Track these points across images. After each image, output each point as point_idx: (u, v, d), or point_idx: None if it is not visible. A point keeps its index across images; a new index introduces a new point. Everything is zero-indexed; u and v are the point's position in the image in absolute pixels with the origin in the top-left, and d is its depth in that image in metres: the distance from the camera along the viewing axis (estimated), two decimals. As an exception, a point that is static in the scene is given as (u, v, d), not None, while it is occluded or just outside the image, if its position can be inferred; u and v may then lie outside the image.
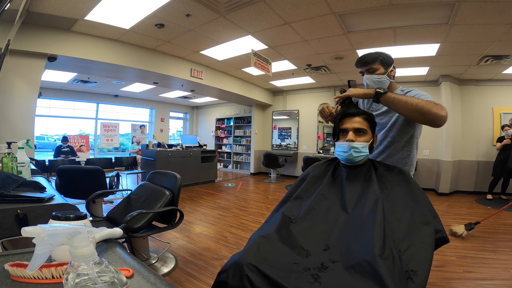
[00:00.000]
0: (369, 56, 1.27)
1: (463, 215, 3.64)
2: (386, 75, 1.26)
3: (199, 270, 1.99)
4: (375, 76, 1.26)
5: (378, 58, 1.26)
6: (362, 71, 1.31)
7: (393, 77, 1.30)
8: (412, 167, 1.29)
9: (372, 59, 1.26)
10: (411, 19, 2.91)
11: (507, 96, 4.92)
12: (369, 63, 1.26)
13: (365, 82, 1.30)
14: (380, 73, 1.26)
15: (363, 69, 1.30)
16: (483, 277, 1.94)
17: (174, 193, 1.89)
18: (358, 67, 1.32)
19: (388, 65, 1.27)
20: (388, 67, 1.27)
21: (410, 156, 1.27)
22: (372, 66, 1.26)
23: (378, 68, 1.26)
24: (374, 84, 1.26)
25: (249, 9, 2.84)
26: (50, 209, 1.06)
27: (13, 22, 2.26)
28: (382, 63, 1.26)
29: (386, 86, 1.26)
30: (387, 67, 1.27)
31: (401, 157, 1.26)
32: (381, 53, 1.27)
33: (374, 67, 1.26)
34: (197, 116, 10.34)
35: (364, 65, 1.28)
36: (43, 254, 0.44)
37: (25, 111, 3.13)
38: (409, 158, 1.27)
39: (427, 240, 0.83)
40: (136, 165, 5.39)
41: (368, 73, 1.28)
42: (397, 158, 1.26)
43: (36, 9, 2.77)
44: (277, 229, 0.91)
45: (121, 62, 3.85)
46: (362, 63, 1.29)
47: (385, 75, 1.26)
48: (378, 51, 1.29)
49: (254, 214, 3.53)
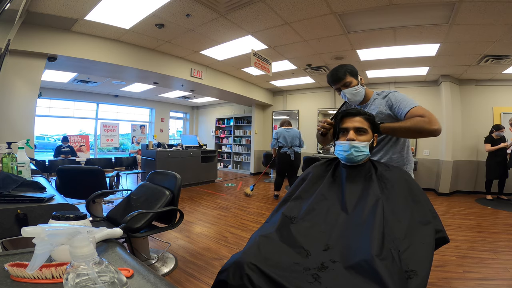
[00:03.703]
0: (339, 72, 1.32)
1: (463, 215, 3.64)
2: (359, 85, 1.32)
3: (199, 270, 1.99)
4: (352, 89, 1.31)
5: (346, 71, 1.31)
6: (337, 87, 1.35)
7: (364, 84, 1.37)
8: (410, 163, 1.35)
9: (343, 74, 1.31)
10: (411, 19, 2.91)
11: (507, 96, 4.92)
12: (342, 78, 1.31)
13: (345, 97, 1.36)
14: (354, 85, 1.32)
15: (337, 85, 1.34)
16: (483, 277, 1.94)
17: (174, 193, 1.89)
18: (332, 84, 1.37)
19: (356, 75, 1.33)
20: (357, 77, 1.33)
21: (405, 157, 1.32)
22: (346, 81, 1.31)
23: (351, 81, 1.31)
24: (354, 97, 1.33)
25: (249, 9, 2.84)
26: (50, 209, 1.07)
27: (13, 22, 2.26)
28: (351, 75, 1.31)
29: (363, 95, 1.34)
30: (357, 77, 1.33)
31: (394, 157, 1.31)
32: (347, 66, 1.33)
33: (348, 81, 1.31)
34: (197, 116, 10.34)
35: (338, 82, 1.33)
36: (43, 254, 0.44)
37: (25, 111, 3.13)
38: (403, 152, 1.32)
39: (427, 240, 0.83)
40: (136, 165, 5.38)
41: (345, 87, 1.32)
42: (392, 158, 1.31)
43: (36, 9, 2.77)
44: (278, 229, 0.91)
45: (121, 62, 3.85)
46: (335, 80, 1.33)
47: (359, 84, 1.32)
48: (343, 65, 1.34)
49: (254, 214, 3.53)
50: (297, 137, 4.30)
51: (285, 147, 4.24)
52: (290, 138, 4.24)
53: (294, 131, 4.32)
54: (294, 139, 4.26)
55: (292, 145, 4.24)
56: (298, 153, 4.30)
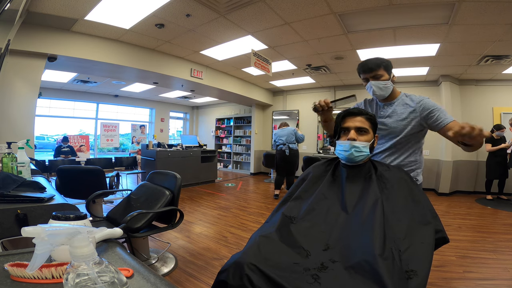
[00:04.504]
0: (373, 62, 1.27)
1: (463, 215, 3.64)
2: (390, 81, 1.27)
3: (199, 270, 1.99)
4: (382, 82, 1.26)
5: (382, 64, 1.26)
6: (366, 77, 1.30)
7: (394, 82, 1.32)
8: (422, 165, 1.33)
9: (377, 65, 1.25)
10: (411, 19, 2.90)
11: (507, 96, 4.92)
12: (374, 69, 1.26)
13: (370, 89, 1.30)
14: (385, 79, 1.26)
15: (367, 75, 1.28)
16: (483, 277, 1.93)
17: (174, 193, 1.89)
18: (361, 73, 1.31)
19: (390, 70, 1.28)
20: (390, 73, 1.28)
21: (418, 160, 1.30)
22: (377, 73, 1.26)
23: (383, 74, 1.25)
24: (380, 90, 1.27)
25: (249, 9, 2.84)
26: (50, 209, 1.06)
27: (13, 22, 2.26)
28: (385, 69, 1.26)
29: (389, 92, 1.28)
30: (390, 73, 1.28)
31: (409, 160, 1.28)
32: (383, 59, 1.27)
33: (379, 74, 1.25)
34: (197, 116, 10.34)
35: (369, 72, 1.27)
36: (43, 254, 0.44)
37: (25, 111, 3.13)
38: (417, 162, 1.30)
39: (427, 240, 0.83)
40: (136, 165, 5.38)
41: (373, 79, 1.27)
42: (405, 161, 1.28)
43: (36, 9, 2.77)
44: (278, 229, 0.91)
45: (121, 62, 3.85)
46: (365, 70, 1.28)
47: (390, 81, 1.27)
48: (379, 57, 1.29)
49: (254, 214, 3.53)
50: (291, 134, 4.47)
51: (281, 145, 4.48)
52: (285, 136, 4.47)
53: (288, 129, 4.53)
54: (289, 136, 4.46)
55: (288, 142, 4.44)
56: (293, 149, 4.46)
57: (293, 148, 4.44)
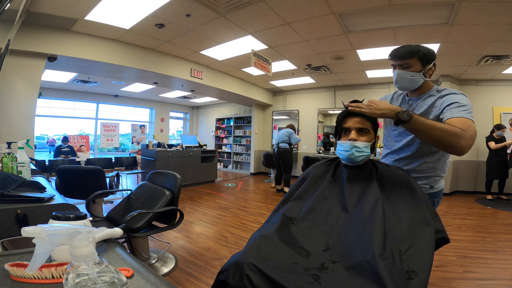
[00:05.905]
0: (407, 50, 1.11)
1: (463, 215, 3.64)
2: (421, 73, 1.11)
3: (199, 270, 1.99)
4: (408, 73, 1.11)
5: (417, 53, 1.09)
6: (394, 64, 1.16)
7: (430, 76, 1.14)
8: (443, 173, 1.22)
9: (410, 54, 1.10)
10: (411, 19, 2.90)
11: (507, 96, 4.92)
12: (405, 57, 1.11)
13: (394, 77, 1.16)
14: (416, 70, 1.10)
15: (396, 62, 1.14)
16: (483, 277, 1.94)
17: (174, 193, 1.89)
18: (391, 59, 1.17)
19: (428, 62, 1.10)
20: (427, 64, 1.10)
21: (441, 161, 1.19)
22: (407, 62, 1.10)
23: (414, 65, 1.10)
24: (404, 81, 1.13)
25: (249, 9, 2.83)
26: (50, 209, 1.06)
27: (13, 22, 2.26)
28: (420, 59, 1.09)
29: (418, 85, 1.13)
30: (426, 65, 1.10)
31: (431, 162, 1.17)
32: (422, 48, 1.10)
33: (410, 63, 1.10)
34: (197, 116, 10.34)
35: (399, 59, 1.13)
36: (43, 254, 0.44)
37: (25, 111, 3.13)
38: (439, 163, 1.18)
39: (428, 240, 0.83)
40: (136, 165, 5.38)
41: (401, 68, 1.13)
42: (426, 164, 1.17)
43: (36, 9, 2.77)
44: (278, 229, 0.91)
45: (121, 62, 3.85)
46: (397, 56, 1.13)
47: (421, 73, 1.10)
48: (420, 45, 1.11)
49: (254, 214, 3.53)
50: (285, 134, 4.84)
51: (275, 144, 4.99)
52: (279, 136, 4.91)
53: (284, 130, 4.93)
54: (281, 136, 4.87)
55: (279, 141, 4.85)
56: (282, 148, 4.81)
57: (281, 147, 4.80)
